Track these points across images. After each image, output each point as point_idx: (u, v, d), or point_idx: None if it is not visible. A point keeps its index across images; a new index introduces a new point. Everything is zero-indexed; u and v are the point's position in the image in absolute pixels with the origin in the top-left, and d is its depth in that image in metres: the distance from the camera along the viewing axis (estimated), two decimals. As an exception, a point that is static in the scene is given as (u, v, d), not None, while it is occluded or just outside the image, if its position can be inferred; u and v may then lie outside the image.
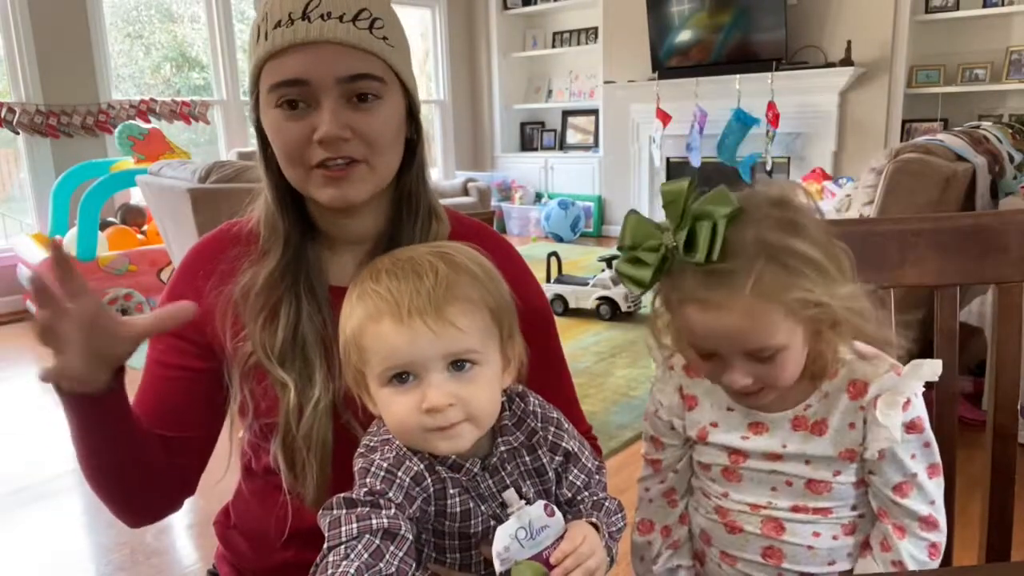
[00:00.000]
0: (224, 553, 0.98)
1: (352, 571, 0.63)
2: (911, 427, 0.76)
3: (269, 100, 0.79)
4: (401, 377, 0.67)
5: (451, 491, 0.71)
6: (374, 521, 0.66)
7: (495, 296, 0.71)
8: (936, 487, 0.78)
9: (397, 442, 0.71)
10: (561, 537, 0.71)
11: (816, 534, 0.79)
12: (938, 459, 0.78)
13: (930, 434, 0.77)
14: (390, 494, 0.68)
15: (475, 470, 0.72)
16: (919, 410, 0.76)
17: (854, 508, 0.80)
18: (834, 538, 0.80)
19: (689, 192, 0.69)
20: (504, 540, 0.68)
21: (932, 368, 0.75)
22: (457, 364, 0.67)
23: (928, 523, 0.78)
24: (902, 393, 0.74)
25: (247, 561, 0.94)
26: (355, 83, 0.78)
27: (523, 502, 0.71)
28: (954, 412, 0.94)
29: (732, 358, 0.73)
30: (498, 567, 0.68)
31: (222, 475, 0.95)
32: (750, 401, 0.78)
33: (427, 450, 0.70)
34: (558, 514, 0.72)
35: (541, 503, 0.71)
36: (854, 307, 0.71)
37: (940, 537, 0.79)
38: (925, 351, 0.81)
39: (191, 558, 2.02)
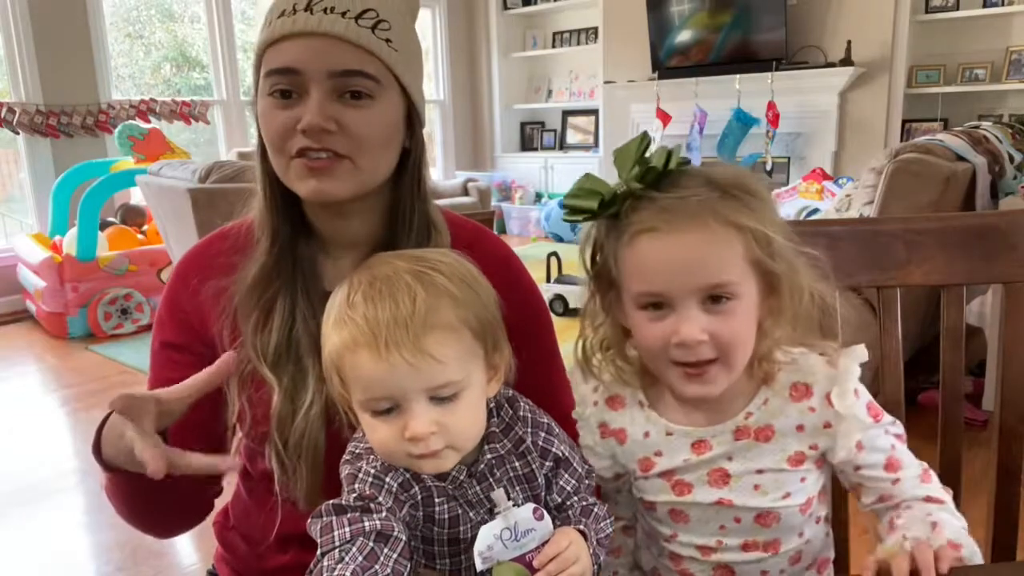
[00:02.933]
0: (223, 554, 0.98)
1: (348, 574, 0.62)
2: (871, 411, 0.76)
3: (264, 87, 0.80)
4: (384, 409, 0.67)
5: (437, 499, 0.71)
6: (366, 524, 0.66)
7: (477, 313, 0.69)
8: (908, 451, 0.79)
9: None
10: (546, 541, 0.70)
11: (764, 572, 0.79)
12: (901, 429, 0.78)
13: (880, 409, 0.78)
14: (380, 498, 0.68)
15: (461, 477, 0.71)
16: (866, 394, 0.76)
17: (800, 535, 0.79)
18: (781, 572, 0.79)
19: (642, 141, 0.71)
20: (487, 539, 0.68)
21: (858, 353, 0.76)
22: (438, 396, 0.67)
23: (927, 471, 0.78)
24: (845, 383, 0.74)
25: (246, 563, 0.94)
26: (347, 78, 0.78)
27: (511, 503, 0.70)
28: (959, 412, 0.94)
29: (685, 304, 0.69)
30: (479, 565, 0.68)
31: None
32: (697, 383, 0.73)
33: (411, 469, 0.70)
34: (547, 519, 0.71)
35: (531, 506, 0.71)
36: (795, 265, 0.72)
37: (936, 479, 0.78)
38: (923, 354, 0.81)
39: (191, 559, 2.02)
